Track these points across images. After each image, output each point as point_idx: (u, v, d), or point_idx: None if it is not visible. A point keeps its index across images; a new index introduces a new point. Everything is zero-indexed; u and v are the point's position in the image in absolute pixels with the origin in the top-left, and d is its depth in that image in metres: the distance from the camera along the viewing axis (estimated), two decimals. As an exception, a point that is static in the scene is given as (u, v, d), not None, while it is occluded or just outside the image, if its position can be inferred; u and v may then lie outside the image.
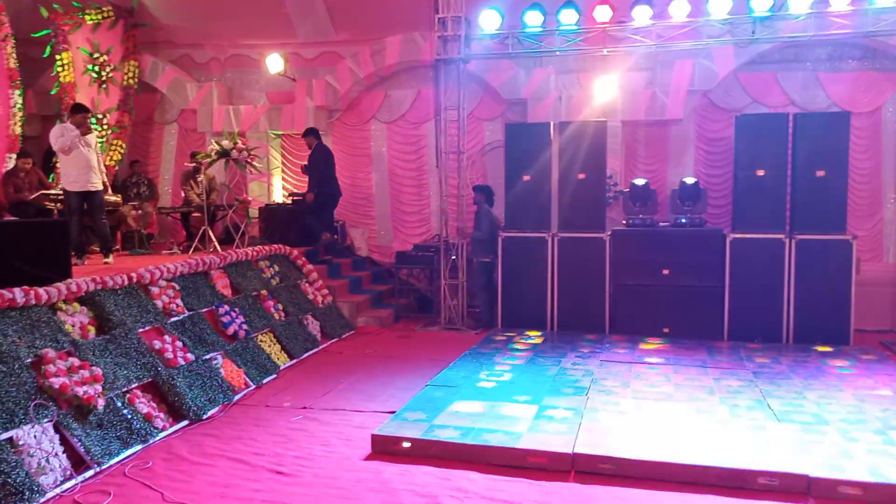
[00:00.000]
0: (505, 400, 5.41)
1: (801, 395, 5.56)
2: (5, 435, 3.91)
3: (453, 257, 8.69)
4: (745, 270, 7.73)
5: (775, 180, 7.80)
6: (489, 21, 8.18)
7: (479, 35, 8.38)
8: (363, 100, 10.80)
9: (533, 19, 8.07)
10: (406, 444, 4.52)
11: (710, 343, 7.53)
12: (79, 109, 7.54)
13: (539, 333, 8.05)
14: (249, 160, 8.61)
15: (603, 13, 7.88)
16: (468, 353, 7.04)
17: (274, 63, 10.41)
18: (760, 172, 7.82)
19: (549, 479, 4.11)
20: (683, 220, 8.22)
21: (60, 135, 7.26)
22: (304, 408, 5.53)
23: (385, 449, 4.55)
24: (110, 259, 7.46)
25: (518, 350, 7.22)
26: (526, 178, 8.41)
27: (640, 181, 8.75)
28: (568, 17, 7.96)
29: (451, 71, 8.57)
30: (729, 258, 7.77)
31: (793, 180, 7.80)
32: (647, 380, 6.05)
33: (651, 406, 5.26)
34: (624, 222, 8.55)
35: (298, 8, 10.35)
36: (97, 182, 7.48)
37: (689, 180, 8.62)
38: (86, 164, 7.36)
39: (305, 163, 9.65)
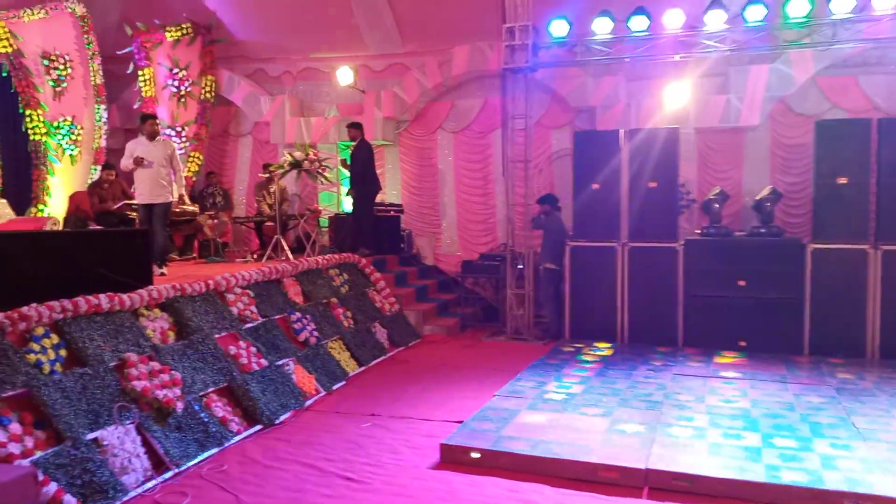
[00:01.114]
0: (574, 412, 5.33)
1: (888, 413, 5.28)
2: (91, 435, 4.08)
3: (520, 266, 8.65)
4: (826, 282, 7.41)
5: (858, 188, 7.46)
6: (557, 29, 8.14)
7: (546, 43, 8.36)
8: (430, 110, 10.89)
9: (602, 26, 7.99)
10: (475, 455, 4.50)
11: (790, 357, 7.24)
12: (145, 118, 7.86)
13: (609, 345, 7.91)
14: (320, 171, 8.79)
15: (674, 19, 7.74)
16: (536, 364, 6.97)
17: (344, 75, 10.62)
18: (843, 180, 7.49)
19: (620, 495, 4.02)
20: (761, 230, 7.95)
21: (127, 155, 7.58)
22: (373, 415, 5.58)
23: (453, 459, 4.55)
24: (164, 270, 7.46)
25: (587, 362, 7.11)
26: (595, 186, 8.30)
27: (714, 189, 8.52)
28: (638, 23, 7.85)
29: (518, 80, 8.56)
30: (809, 269, 7.47)
31: (877, 188, 7.44)
32: (722, 395, 5.86)
33: (727, 422, 5.09)
34: (697, 231, 8.34)
35: (368, 21, 10.54)
36: (161, 194, 7.66)
37: (766, 188, 8.33)
38: (150, 177, 7.59)
39: (344, 158, 9.54)
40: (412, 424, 5.33)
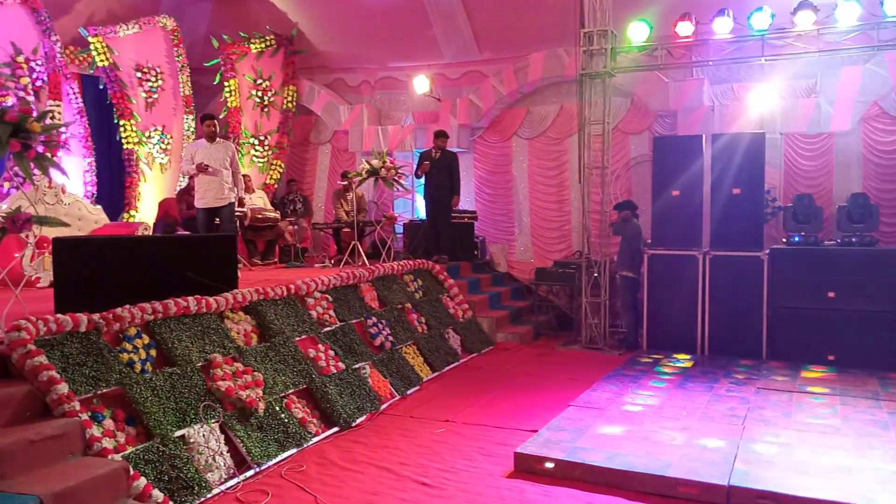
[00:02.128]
0: (653, 425, 5.20)
1: None
2: (178, 432, 4.25)
3: (595, 274, 8.52)
4: (925, 294, 7.00)
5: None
6: (637, 33, 8.01)
7: (625, 47, 8.22)
8: (505, 117, 10.88)
9: (684, 29, 7.80)
10: (549, 465, 4.46)
11: (883, 374, 6.86)
12: (204, 118, 8.01)
13: (688, 357, 7.69)
14: (397, 178, 8.90)
15: (761, 20, 7.49)
16: (612, 375, 6.85)
17: (420, 84, 10.74)
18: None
19: (701, 512, 3.90)
20: (853, 239, 7.57)
21: (187, 159, 7.74)
22: (447, 421, 5.60)
23: (527, 468, 4.51)
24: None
25: (666, 374, 6.94)
26: (675, 192, 8.10)
27: (803, 196, 8.17)
28: (722, 25, 7.64)
29: (595, 85, 8.45)
30: (906, 281, 7.07)
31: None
32: (810, 411, 5.60)
33: (815, 439, 4.86)
34: (784, 240, 8.02)
35: (445, 31, 10.64)
36: (225, 197, 7.78)
37: (859, 196, 7.94)
38: (212, 181, 7.69)
39: (424, 162, 9.39)
40: (486, 432, 5.33)
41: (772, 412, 5.55)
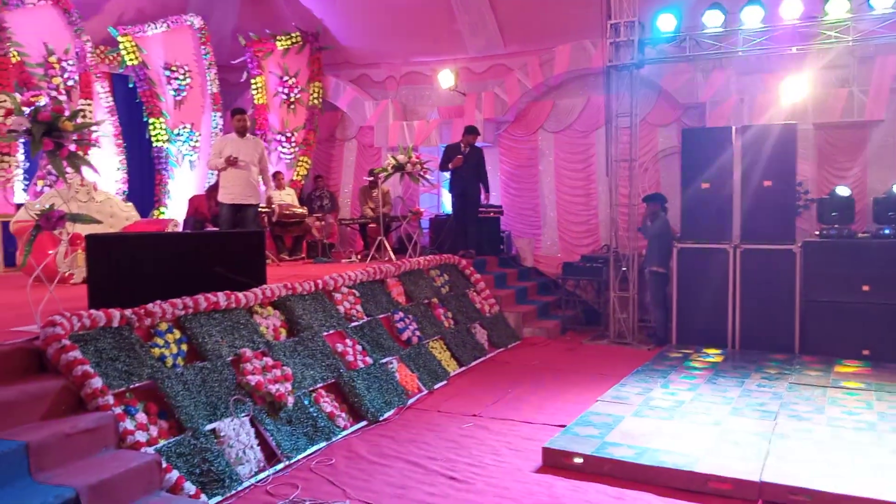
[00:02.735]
0: (683, 420, 5.15)
1: None
2: (209, 426, 4.29)
3: (623, 268, 8.45)
4: (964, 288, 6.83)
5: None
6: (665, 24, 7.92)
7: (653, 39, 8.13)
8: (531, 110, 10.83)
9: (713, 19, 7.69)
10: (577, 460, 4.43)
11: (921, 369, 6.72)
12: (235, 112, 7.92)
13: (719, 351, 7.60)
14: (422, 173, 8.91)
15: (791, 9, 7.35)
16: (641, 370, 6.79)
17: (445, 78, 10.73)
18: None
19: (733, 508, 3.86)
20: (887, 231, 7.42)
21: (216, 153, 7.66)
22: (474, 415, 5.60)
23: (556, 463, 4.49)
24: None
25: (696, 368, 6.86)
26: (704, 185, 8.00)
27: (837, 189, 8.01)
28: (752, 15, 7.51)
29: (623, 77, 8.37)
30: (944, 274, 6.90)
31: None
32: (844, 406, 5.50)
33: (850, 435, 4.78)
34: (816, 233, 7.88)
35: (470, 24, 10.60)
36: (252, 195, 7.70)
37: (893, 186, 7.77)
38: (241, 177, 7.60)
39: (457, 156, 9.31)
40: (514, 426, 5.31)
41: (805, 407, 5.46)
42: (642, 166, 9.50)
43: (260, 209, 9.56)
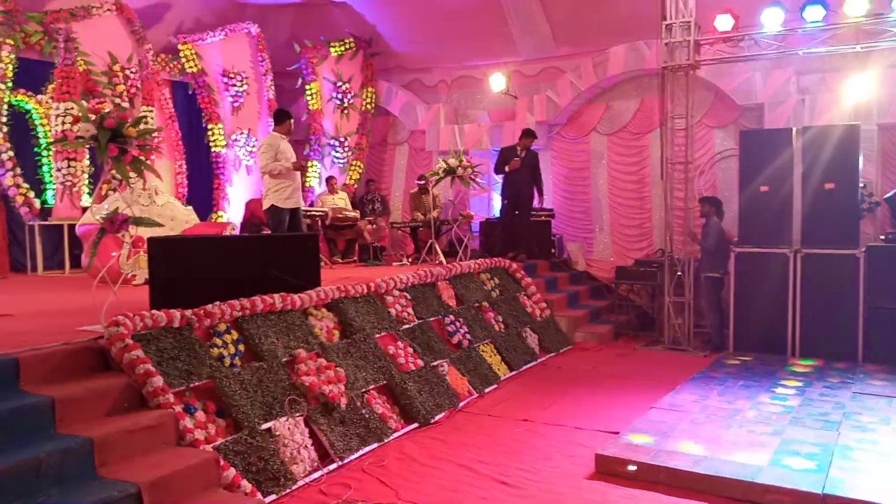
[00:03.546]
0: (741, 429, 5.02)
1: None
2: (265, 425, 4.38)
3: (678, 273, 8.29)
4: None
5: None
6: (722, 24, 7.76)
7: (710, 39, 7.97)
8: (583, 112, 10.73)
9: (772, 18, 7.51)
10: (632, 468, 4.37)
11: None
12: (288, 114, 7.64)
13: (778, 359, 7.38)
14: (473, 177, 8.90)
15: (856, 6, 7.11)
16: (697, 377, 6.65)
17: (497, 82, 10.72)
18: None
19: (794, 520, 3.74)
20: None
21: (272, 157, 7.31)
22: (526, 420, 5.57)
23: (609, 470, 4.43)
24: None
25: (755, 376, 6.67)
26: (763, 188, 7.79)
27: (902, 191, 7.73)
28: (813, 13, 7.31)
29: (678, 78, 8.22)
30: None
31: None
32: (913, 418, 5.29)
33: (920, 448, 4.59)
34: (882, 237, 7.59)
35: (522, 28, 10.58)
36: (301, 198, 7.71)
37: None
38: (296, 180, 7.56)
39: (515, 159, 9.26)
40: (566, 432, 5.27)
41: (869, 418, 5.26)
42: (698, 169, 9.32)
43: (315, 212, 9.73)
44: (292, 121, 7.65)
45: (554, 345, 8.17)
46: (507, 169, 9.25)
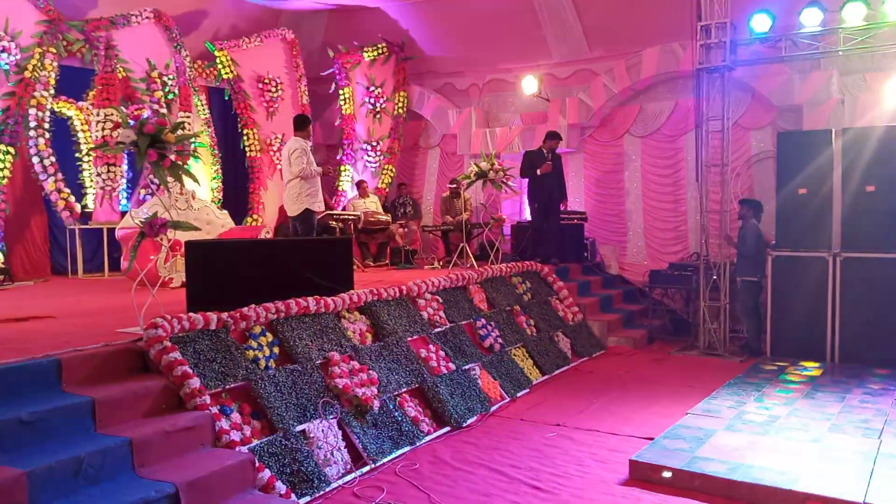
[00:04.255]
0: (778, 436, 4.93)
1: None
2: (299, 427, 4.42)
3: (714, 277, 8.17)
4: None
5: None
6: (759, 24, 7.65)
7: (746, 40, 7.86)
8: (617, 115, 10.65)
9: (811, 18, 7.38)
10: (666, 474, 4.31)
11: None
12: (308, 121, 7.84)
13: (817, 365, 7.24)
14: (505, 180, 8.89)
15: (898, 4, 6.94)
16: (733, 382, 6.54)
17: (529, 85, 10.69)
18: None
19: (835, 530, 3.66)
20: None
21: (307, 159, 7.51)
22: (558, 425, 5.54)
23: (643, 476, 4.39)
24: None
25: (792, 382, 6.55)
26: (801, 191, 7.64)
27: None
28: (853, 13, 7.15)
29: (714, 79, 8.11)
30: None
31: None
32: (959, 426, 5.13)
33: (967, 458, 4.45)
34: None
35: (555, 30, 10.55)
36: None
37: None
38: (320, 184, 7.76)
39: (547, 163, 9.24)
40: (599, 437, 5.22)
41: (914, 426, 5.13)
42: (734, 171, 9.18)
43: (347, 216, 9.81)
44: (311, 125, 7.91)
45: (587, 349, 8.11)
46: (538, 172, 9.21)
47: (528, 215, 11.21)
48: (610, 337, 8.69)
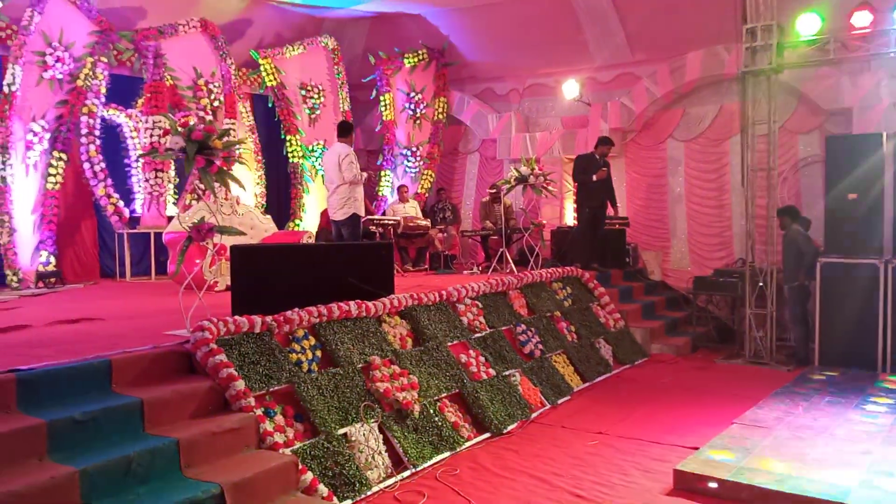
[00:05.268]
0: (828, 448, 4.80)
1: None
2: (341, 430, 4.45)
3: (760, 284, 8.00)
4: None
5: None
6: (807, 26, 7.48)
7: (793, 42, 7.70)
8: (659, 119, 10.52)
9: (862, 20, 7.20)
10: (713, 485, 4.23)
11: None
12: (351, 127, 8.02)
13: (869, 375, 7.02)
14: (545, 185, 8.84)
15: (954, 3, 6.73)
16: (780, 392, 6.39)
17: (570, 89, 10.63)
18: None
19: (889, 547, 3.54)
20: None
21: (356, 167, 7.72)
22: (600, 433, 5.47)
23: (689, 486, 4.31)
24: None
25: (843, 392, 6.37)
26: (851, 196, 7.45)
27: None
28: (907, 12, 6.95)
29: (760, 83, 7.96)
30: None
31: None
32: None
33: None
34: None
35: (597, 34, 10.47)
36: None
37: None
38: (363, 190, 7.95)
39: (602, 169, 9.24)
40: (641, 446, 5.15)
41: (973, 441, 4.94)
42: (781, 175, 8.99)
43: (387, 221, 9.87)
44: (353, 135, 8.10)
45: (629, 356, 8.01)
46: (594, 178, 9.14)
47: (568, 220, 11.17)
48: (653, 344, 8.57)
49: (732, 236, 9.83)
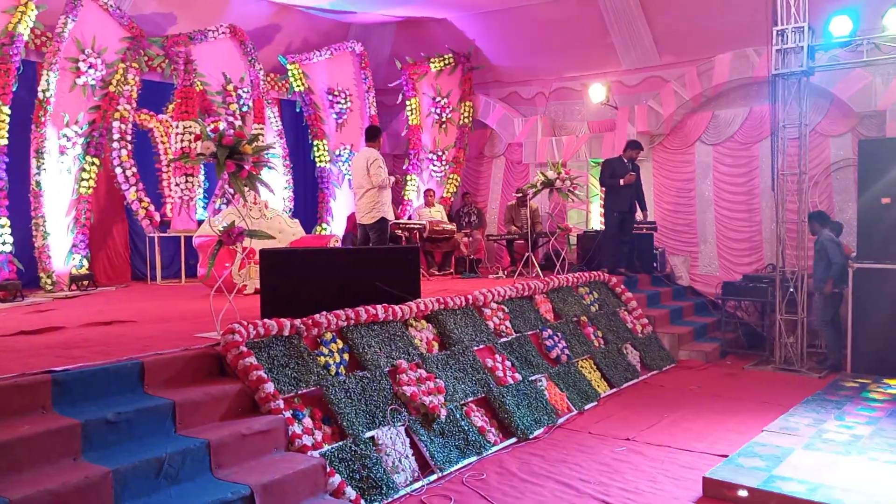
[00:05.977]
0: (861, 456, 4.71)
1: None
2: (368, 433, 4.48)
3: (791, 289, 7.88)
4: None
5: None
6: (839, 28, 7.36)
7: (825, 44, 7.59)
8: (687, 122, 10.43)
9: (894, 21, 7.05)
10: (742, 493, 4.17)
11: None
12: (379, 132, 8.21)
13: (902, 382, 6.90)
14: (572, 189, 8.81)
15: None
16: (811, 399, 6.29)
17: (596, 93, 10.58)
18: None
19: (925, 559, 3.47)
20: None
21: (385, 171, 7.91)
22: (627, 439, 5.44)
23: (717, 494, 4.26)
24: None
25: (875, 400, 6.26)
26: (885, 200, 7.31)
27: None
28: (943, 12, 6.82)
29: (790, 85, 7.86)
30: None
31: None
32: None
33: None
34: None
35: (624, 38, 10.42)
36: None
37: None
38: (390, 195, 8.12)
39: (630, 173, 9.17)
40: (670, 453, 5.10)
41: None
42: (812, 179, 8.86)
43: (413, 225, 9.91)
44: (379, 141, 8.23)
45: (656, 362, 7.94)
46: (621, 182, 9.09)
47: (595, 224, 11.11)
48: (681, 350, 8.49)
49: (762, 241, 9.70)
